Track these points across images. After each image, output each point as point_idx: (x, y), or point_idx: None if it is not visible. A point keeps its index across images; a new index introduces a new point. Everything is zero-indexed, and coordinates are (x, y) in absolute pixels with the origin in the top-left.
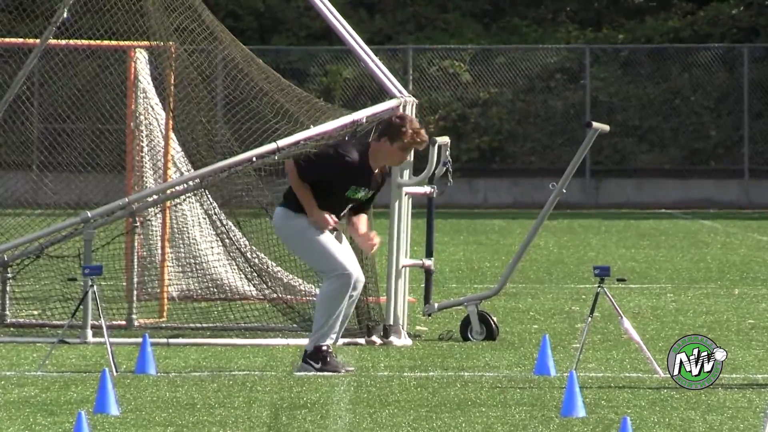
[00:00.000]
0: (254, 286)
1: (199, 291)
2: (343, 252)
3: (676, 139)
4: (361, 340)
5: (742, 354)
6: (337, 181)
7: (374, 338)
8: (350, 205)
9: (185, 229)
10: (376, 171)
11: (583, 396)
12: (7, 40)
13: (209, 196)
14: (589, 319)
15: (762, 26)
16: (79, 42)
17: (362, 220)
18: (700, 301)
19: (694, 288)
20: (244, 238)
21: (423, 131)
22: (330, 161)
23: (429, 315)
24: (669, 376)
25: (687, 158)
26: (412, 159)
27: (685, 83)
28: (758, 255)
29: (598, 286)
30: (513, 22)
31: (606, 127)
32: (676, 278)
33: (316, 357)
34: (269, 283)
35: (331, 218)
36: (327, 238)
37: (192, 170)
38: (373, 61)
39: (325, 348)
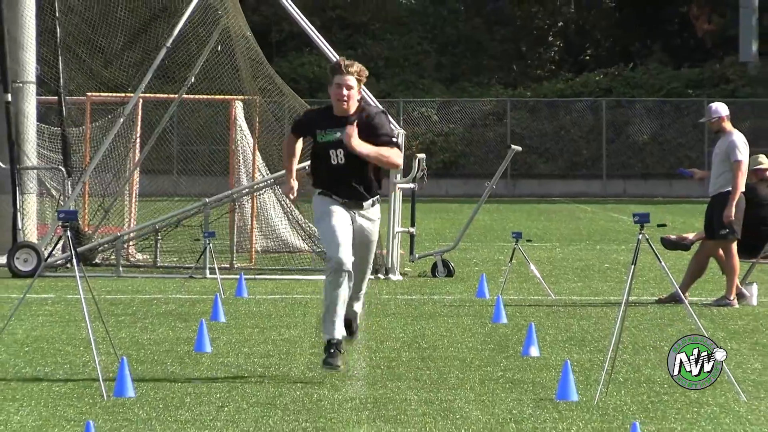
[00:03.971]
0: (307, 244)
1: (274, 246)
2: (340, 235)
3: (562, 156)
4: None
5: (601, 285)
6: (310, 131)
7: (380, 275)
8: (338, 151)
9: (265, 208)
10: (351, 115)
11: (506, 310)
12: (157, 95)
13: (279, 189)
14: (510, 264)
15: (614, 87)
16: (200, 96)
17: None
18: (576, 254)
19: (572, 245)
20: (301, 214)
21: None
22: (307, 110)
23: (412, 261)
24: (558, 297)
25: (569, 167)
26: (402, 167)
27: (567, 122)
28: (612, 225)
29: (515, 244)
30: (463, 85)
31: (519, 148)
32: (562, 239)
33: (325, 349)
34: (316, 243)
35: (291, 187)
36: (331, 220)
37: (269, 174)
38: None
39: (329, 342)
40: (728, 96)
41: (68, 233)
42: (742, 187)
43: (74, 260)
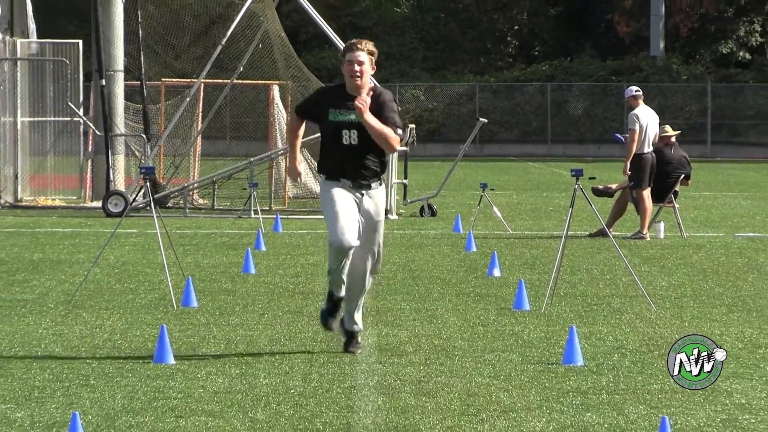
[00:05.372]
0: None
1: (302, 194)
2: (343, 220)
3: (517, 126)
4: None
5: (546, 223)
6: (320, 111)
7: None
8: (351, 132)
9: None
10: (362, 95)
11: (475, 242)
12: (214, 80)
13: (306, 150)
14: (478, 207)
15: (556, 74)
16: (247, 81)
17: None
18: (528, 200)
19: (525, 193)
20: None
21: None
22: (316, 91)
23: (405, 205)
24: (514, 232)
25: (522, 134)
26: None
27: (521, 101)
28: (554, 178)
29: (482, 192)
30: (443, 73)
31: (485, 120)
32: (517, 188)
33: (327, 299)
34: None
35: (297, 172)
36: (335, 206)
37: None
38: None
39: (330, 294)
40: (641, 81)
41: (148, 184)
42: (633, 150)
43: (152, 204)
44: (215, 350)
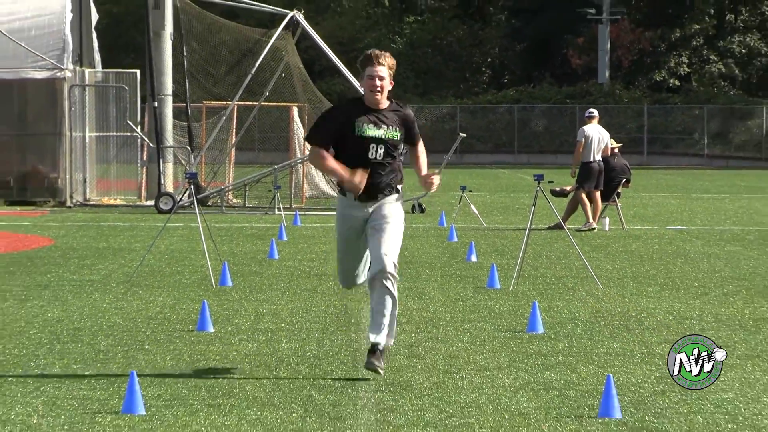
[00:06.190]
0: (336, 192)
1: (316, 194)
2: (347, 260)
3: (491, 139)
4: None
5: (513, 218)
6: (341, 126)
7: None
8: (378, 147)
9: (311, 171)
10: (385, 109)
11: (457, 233)
12: (245, 102)
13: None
14: (458, 205)
15: (522, 98)
16: (272, 103)
17: (422, 164)
18: (499, 199)
19: (497, 194)
20: None
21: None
22: (326, 112)
23: None
24: (488, 225)
25: (494, 146)
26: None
27: (493, 119)
28: (520, 182)
29: (462, 195)
30: (430, 97)
31: (464, 135)
32: (490, 190)
33: (369, 350)
34: None
35: (359, 177)
36: (342, 246)
37: None
38: None
39: (372, 344)
40: (591, 104)
41: (191, 186)
42: (578, 157)
43: (195, 203)
44: (246, 321)
